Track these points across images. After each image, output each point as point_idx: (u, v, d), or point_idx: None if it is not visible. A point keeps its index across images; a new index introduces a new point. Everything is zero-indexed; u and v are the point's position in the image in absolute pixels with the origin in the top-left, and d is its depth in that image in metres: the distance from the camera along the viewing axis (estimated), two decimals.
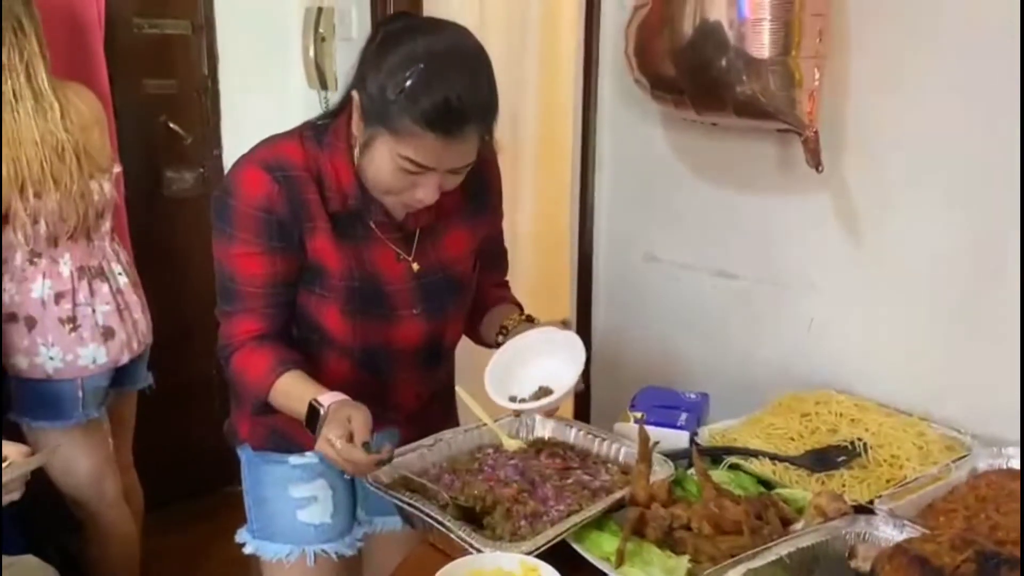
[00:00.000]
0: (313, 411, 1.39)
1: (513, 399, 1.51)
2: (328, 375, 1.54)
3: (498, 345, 1.60)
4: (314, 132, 1.50)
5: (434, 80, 1.33)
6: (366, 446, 1.33)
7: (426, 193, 1.41)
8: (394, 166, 1.39)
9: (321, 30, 2.86)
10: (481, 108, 1.38)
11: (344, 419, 1.35)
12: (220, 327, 1.51)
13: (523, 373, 1.51)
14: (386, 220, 1.51)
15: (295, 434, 1.60)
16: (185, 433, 2.85)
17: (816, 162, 1.67)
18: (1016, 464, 1.54)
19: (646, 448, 1.40)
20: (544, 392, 1.50)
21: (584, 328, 2.31)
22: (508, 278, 1.80)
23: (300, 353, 1.52)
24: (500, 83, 1.43)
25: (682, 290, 2.09)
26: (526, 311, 1.67)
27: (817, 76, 1.67)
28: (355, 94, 1.42)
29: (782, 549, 1.21)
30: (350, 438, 1.33)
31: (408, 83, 1.33)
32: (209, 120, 2.94)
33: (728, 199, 1.97)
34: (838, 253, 1.82)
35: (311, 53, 2.90)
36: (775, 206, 1.90)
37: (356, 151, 1.46)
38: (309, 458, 1.64)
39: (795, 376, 1.89)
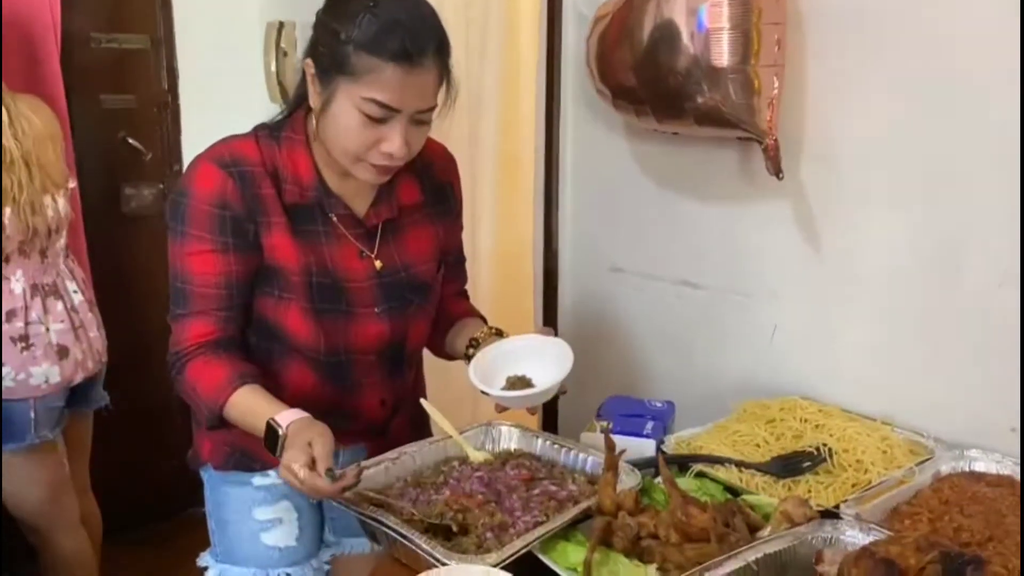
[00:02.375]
0: (272, 431, 1.35)
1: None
2: (290, 386, 1.51)
3: (468, 358, 1.59)
4: (269, 130, 1.49)
5: (386, 14, 1.34)
6: (329, 473, 1.29)
7: (393, 144, 1.38)
8: (358, 117, 1.36)
9: (282, 45, 2.83)
10: (435, 35, 1.38)
11: (304, 444, 1.31)
12: (171, 334, 1.47)
13: (510, 371, 1.50)
14: (347, 214, 1.49)
15: (258, 452, 1.57)
16: (144, 455, 2.79)
17: (776, 169, 1.68)
18: (979, 467, 1.55)
19: (612, 457, 1.39)
20: (525, 383, 1.48)
21: None
22: (471, 291, 1.80)
23: (259, 365, 1.49)
24: (459, 97, 1.44)
25: (646, 301, 2.10)
26: (491, 325, 1.66)
27: (776, 84, 1.68)
28: (308, 62, 1.41)
29: (749, 556, 1.20)
30: (312, 464, 1.29)
31: (362, 21, 1.33)
32: (169, 136, 2.89)
33: (691, 209, 1.98)
34: (798, 260, 1.84)
35: (272, 68, 2.87)
36: (737, 215, 1.91)
37: (315, 125, 1.43)
38: (273, 479, 1.60)
39: (759, 384, 1.90)
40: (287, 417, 1.35)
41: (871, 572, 1.11)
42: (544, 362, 1.49)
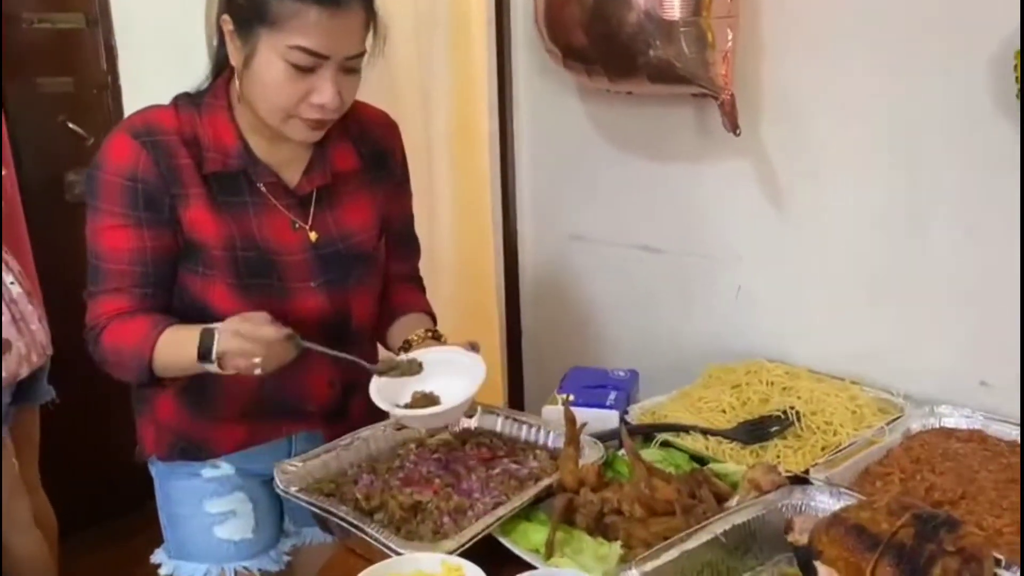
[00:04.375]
0: (207, 333, 1.31)
1: (398, 406, 1.37)
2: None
3: None
4: (189, 98, 1.42)
5: None
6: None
7: (324, 95, 1.31)
8: (283, 69, 1.30)
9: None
10: None
11: (240, 317, 1.31)
12: (87, 312, 1.40)
13: (415, 386, 1.38)
14: (276, 182, 1.43)
15: (205, 441, 1.51)
16: (97, 449, 2.68)
17: (733, 126, 1.62)
18: (949, 423, 1.52)
19: (573, 430, 1.34)
20: (430, 400, 1.36)
21: (512, 312, 2.24)
22: (429, 267, 1.73)
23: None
24: (407, 62, 1.36)
25: (607, 268, 2.04)
26: (438, 320, 1.59)
27: (730, 37, 1.62)
28: (225, 18, 1.34)
29: (717, 528, 1.15)
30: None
31: None
32: (111, 119, 2.77)
33: (649, 171, 1.92)
34: (761, 220, 1.78)
35: (215, 43, 2.77)
36: (696, 175, 1.85)
37: (239, 86, 1.36)
38: (224, 469, 1.54)
39: (725, 348, 1.85)
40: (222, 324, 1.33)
41: (843, 539, 1.06)
42: (455, 377, 1.36)
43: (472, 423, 1.53)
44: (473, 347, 1.42)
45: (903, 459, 1.41)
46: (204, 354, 1.29)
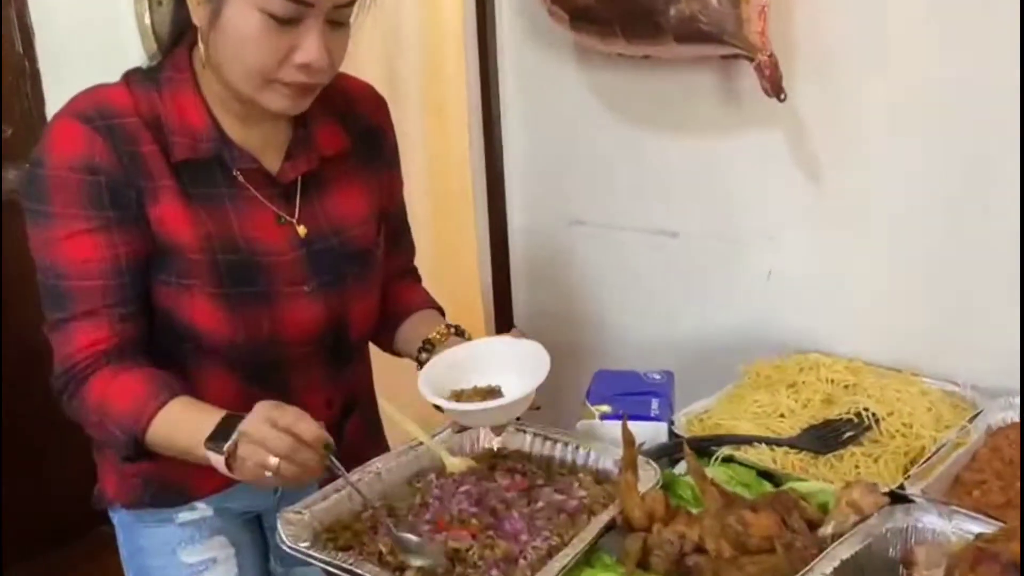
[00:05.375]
0: (229, 419, 1.06)
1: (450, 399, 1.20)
2: (209, 397, 1.20)
3: (420, 363, 1.30)
4: (143, 74, 1.18)
5: None
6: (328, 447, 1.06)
7: (310, 51, 1.09)
8: (260, 21, 1.07)
9: None
10: None
11: (274, 404, 1.06)
12: (54, 349, 1.15)
13: (470, 381, 1.21)
14: (256, 168, 1.20)
15: (180, 483, 1.26)
16: (43, 472, 2.43)
17: (776, 89, 1.43)
18: None
19: (632, 453, 1.13)
20: (490, 394, 1.19)
21: (504, 309, 2.02)
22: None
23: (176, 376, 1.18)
24: (365, 26, 1.15)
25: (616, 256, 1.83)
26: (450, 323, 1.37)
27: None
28: None
29: (826, 567, 0.97)
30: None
31: None
32: (31, 107, 2.48)
33: (663, 145, 1.71)
34: (795, 196, 1.59)
35: (147, 20, 2.48)
36: (719, 148, 1.65)
37: (203, 51, 1.14)
38: (201, 511, 1.30)
39: (756, 339, 1.67)
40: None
41: None
42: (512, 370, 1.20)
43: (495, 443, 1.32)
44: (522, 335, 1.26)
45: (994, 462, 1.24)
46: (217, 436, 1.05)
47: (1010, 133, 1.38)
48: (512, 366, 1.20)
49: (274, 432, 1.01)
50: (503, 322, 2.03)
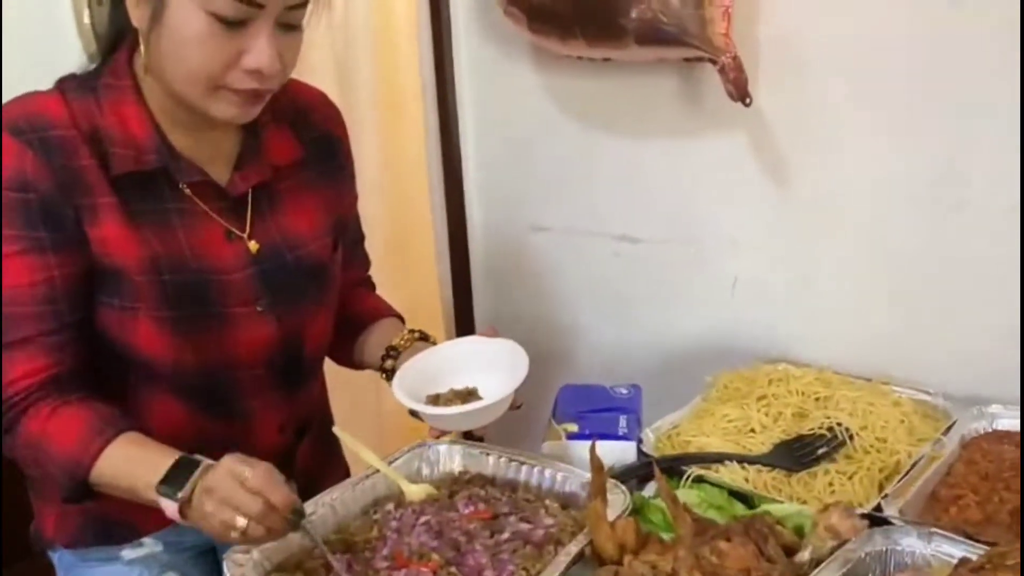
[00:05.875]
0: (185, 463, 0.99)
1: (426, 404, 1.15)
2: (155, 426, 1.13)
3: (385, 371, 1.24)
4: (79, 81, 1.10)
5: None
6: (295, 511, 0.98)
7: (260, 55, 1.02)
8: (206, 23, 1.00)
9: None
10: None
11: (242, 458, 0.98)
12: None
13: (447, 383, 1.17)
14: (204, 181, 1.13)
15: (125, 516, 1.18)
16: None
17: (741, 93, 1.38)
18: (1003, 424, 1.33)
19: (602, 479, 1.08)
20: (469, 396, 1.15)
21: (465, 320, 1.96)
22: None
23: (121, 406, 1.10)
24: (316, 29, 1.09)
25: (579, 262, 1.78)
26: (412, 328, 1.32)
27: None
28: None
29: None
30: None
31: None
32: None
33: (624, 149, 1.66)
34: (760, 200, 1.55)
35: (86, 19, 2.37)
36: (681, 152, 1.61)
37: (144, 55, 1.05)
38: (148, 547, 1.23)
39: (722, 349, 1.63)
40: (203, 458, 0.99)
41: None
42: (488, 370, 1.17)
43: (455, 465, 1.26)
44: (496, 332, 1.22)
45: (970, 476, 1.21)
46: (170, 481, 0.97)
47: (979, 136, 1.35)
48: (488, 366, 1.17)
49: (244, 493, 0.94)
50: (463, 327, 1.97)
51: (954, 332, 1.43)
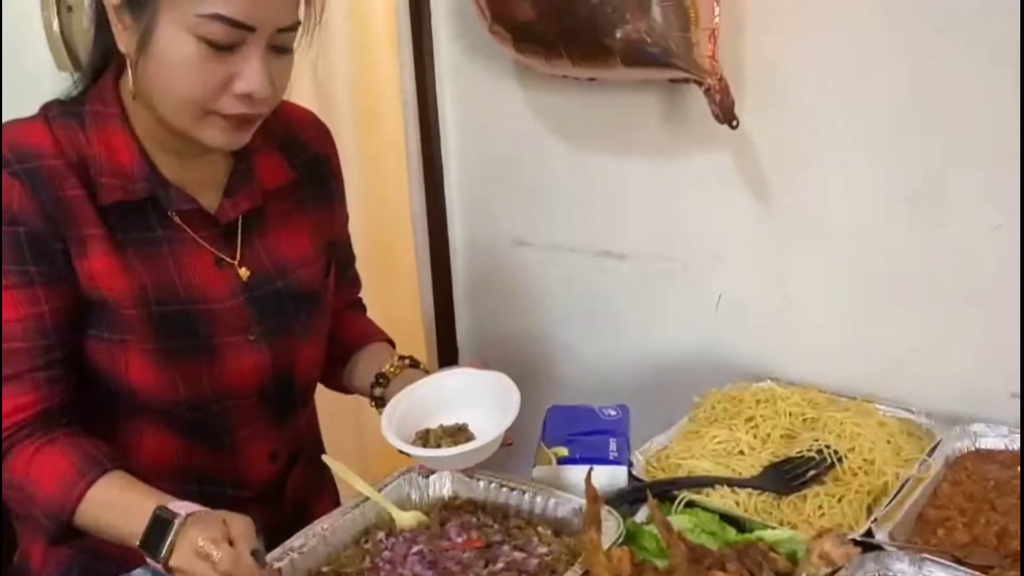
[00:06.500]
0: (160, 521, 0.96)
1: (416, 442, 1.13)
2: (144, 458, 1.12)
3: (374, 398, 1.23)
4: (64, 108, 1.08)
5: None
6: (256, 555, 0.93)
7: (252, 80, 1.00)
8: (195, 47, 0.98)
9: None
10: None
11: (219, 521, 0.94)
12: None
13: (435, 419, 1.15)
14: (194, 209, 1.11)
15: (111, 553, 1.16)
16: None
17: (728, 116, 1.38)
18: (986, 444, 1.34)
19: (596, 509, 1.07)
20: (459, 433, 1.12)
21: (446, 331, 1.95)
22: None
23: (106, 441, 1.08)
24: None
25: (561, 278, 1.78)
26: (402, 354, 1.30)
27: (717, 12, 1.38)
28: None
29: None
30: (231, 543, 0.93)
31: None
32: None
33: (607, 166, 1.66)
34: (744, 218, 1.56)
35: (55, 27, 2.32)
36: (665, 170, 1.61)
37: (132, 81, 1.04)
38: None
39: (706, 367, 1.63)
40: (183, 506, 0.96)
41: None
42: (478, 404, 1.14)
43: (446, 491, 1.25)
44: (485, 364, 1.19)
45: (956, 497, 1.22)
46: (150, 543, 0.95)
47: (961, 154, 1.36)
48: (477, 400, 1.15)
49: (205, 565, 0.90)
50: (446, 344, 1.96)
51: (936, 350, 1.45)
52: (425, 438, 1.11)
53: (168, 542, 0.94)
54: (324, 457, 1.18)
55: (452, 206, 1.88)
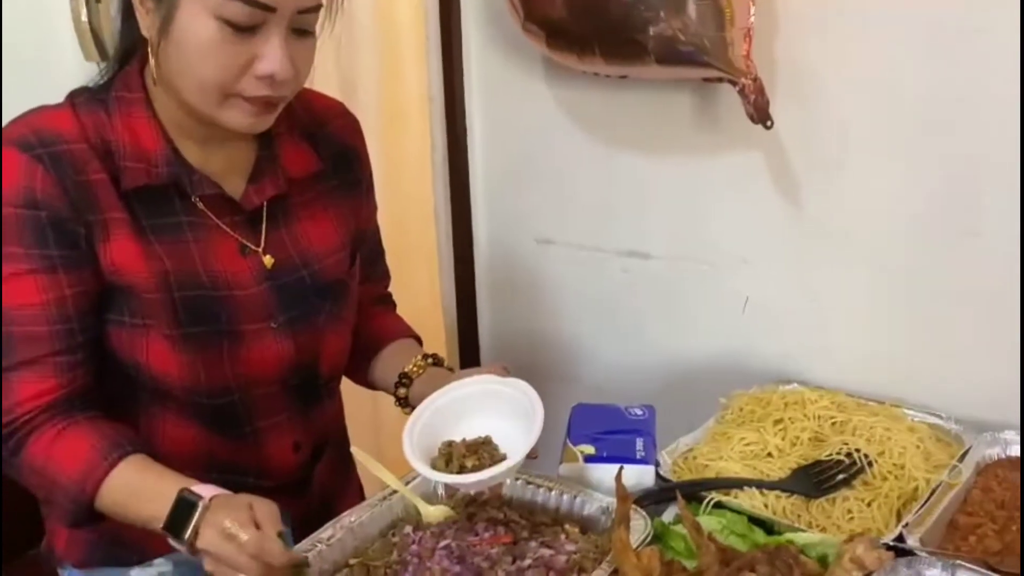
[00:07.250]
0: (184, 503, 0.95)
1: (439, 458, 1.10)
2: (165, 445, 1.11)
3: (399, 398, 1.22)
4: (90, 94, 1.08)
5: None
6: (282, 536, 0.93)
7: (273, 60, 1.00)
8: (216, 29, 0.98)
9: None
10: None
11: (245, 505, 0.94)
12: None
13: (458, 433, 1.12)
14: (218, 194, 1.11)
15: (135, 538, 1.16)
16: None
17: (763, 116, 1.38)
18: (1015, 451, 1.33)
19: (626, 508, 1.07)
20: (487, 445, 1.09)
21: (469, 332, 1.95)
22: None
23: (130, 426, 1.08)
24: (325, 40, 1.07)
25: (586, 277, 1.77)
26: (427, 352, 1.30)
27: (753, 11, 1.37)
28: None
29: None
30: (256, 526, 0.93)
31: None
32: None
33: (635, 164, 1.66)
34: (772, 219, 1.55)
35: (84, 18, 2.33)
36: (694, 169, 1.61)
37: (154, 66, 1.04)
38: (159, 566, 1.20)
39: (731, 370, 1.63)
40: (206, 489, 0.96)
41: None
42: (502, 415, 1.12)
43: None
44: (506, 371, 1.17)
45: (987, 504, 1.21)
46: (174, 526, 0.95)
47: (995, 155, 1.35)
48: (501, 410, 1.12)
49: (242, 557, 0.90)
50: (467, 341, 1.96)
51: (964, 356, 1.44)
52: (448, 454, 1.08)
53: (193, 524, 0.94)
54: (353, 449, 1.18)
55: (476, 202, 1.87)
